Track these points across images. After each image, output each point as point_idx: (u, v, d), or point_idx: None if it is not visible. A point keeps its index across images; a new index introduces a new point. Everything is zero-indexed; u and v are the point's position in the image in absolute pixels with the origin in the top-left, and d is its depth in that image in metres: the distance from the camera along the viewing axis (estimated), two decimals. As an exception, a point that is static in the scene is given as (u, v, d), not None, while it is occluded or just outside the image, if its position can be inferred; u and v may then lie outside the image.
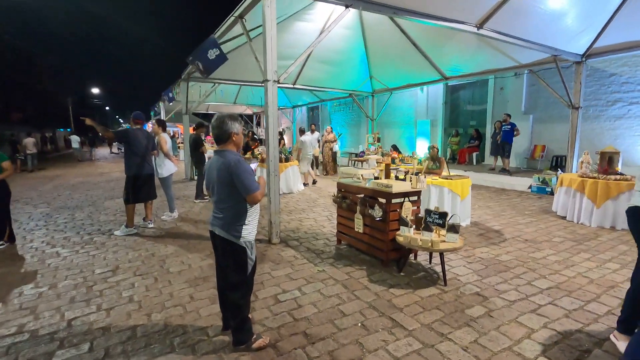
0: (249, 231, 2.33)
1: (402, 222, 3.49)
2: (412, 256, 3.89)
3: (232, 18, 5.28)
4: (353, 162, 15.17)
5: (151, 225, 5.43)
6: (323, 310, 2.83)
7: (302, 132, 12.24)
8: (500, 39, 6.10)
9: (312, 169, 11.93)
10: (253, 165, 2.15)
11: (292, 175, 8.27)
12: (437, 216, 3.41)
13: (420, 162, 8.24)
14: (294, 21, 8.06)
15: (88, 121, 4.68)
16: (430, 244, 3.15)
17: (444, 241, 3.23)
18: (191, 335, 2.55)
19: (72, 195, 8.46)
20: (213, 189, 2.34)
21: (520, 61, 8.46)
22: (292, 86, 11.66)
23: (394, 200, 3.58)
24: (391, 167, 4.34)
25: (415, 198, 3.79)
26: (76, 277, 3.65)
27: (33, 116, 31.81)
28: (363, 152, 10.85)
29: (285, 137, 13.71)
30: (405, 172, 4.42)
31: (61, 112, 36.49)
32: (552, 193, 7.91)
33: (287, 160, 8.25)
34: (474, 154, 12.16)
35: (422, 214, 3.82)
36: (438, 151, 5.71)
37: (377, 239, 3.75)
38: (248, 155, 8.95)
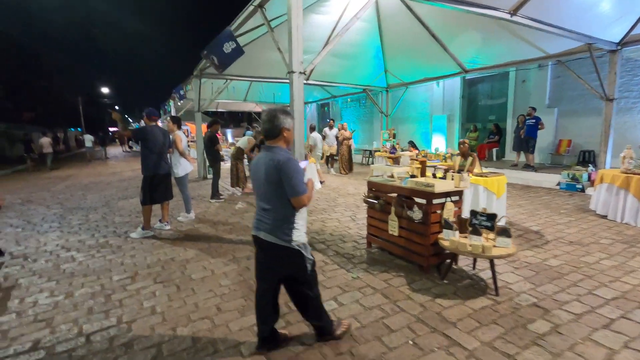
0: (300, 234, 2.10)
1: (446, 224, 3.17)
2: (449, 260, 3.57)
3: (252, 7, 4.98)
4: (367, 159, 14.89)
5: (168, 227, 5.19)
6: (367, 325, 2.54)
7: (312, 129, 12.00)
8: (534, 26, 5.71)
9: (327, 167, 11.67)
10: (302, 164, 1.97)
11: (309, 172, 7.96)
12: (484, 218, 3.09)
13: (445, 159, 7.92)
14: (308, 13, 7.75)
15: (115, 115, 4.47)
16: (481, 250, 2.84)
17: (496, 246, 2.91)
18: (223, 353, 2.29)
19: (86, 196, 8.29)
20: (258, 187, 2.13)
21: (548, 51, 8.02)
22: (304, 81, 11.33)
23: (435, 201, 3.27)
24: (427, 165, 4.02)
25: (456, 198, 3.48)
26: (93, 284, 3.42)
27: (44, 116, 32.01)
28: (394, 148, 10.41)
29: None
30: (445, 170, 4.10)
31: (71, 111, 36.69)
32: (583, 190, 7.51)
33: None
34: (494, 150, 11.73)
35: (464, 215, 3.51)
36: (469, 147, 5.36)
37: (415, 243, 3.44)
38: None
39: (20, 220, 6.05)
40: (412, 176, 3.67)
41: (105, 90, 48.46)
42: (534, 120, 9.31)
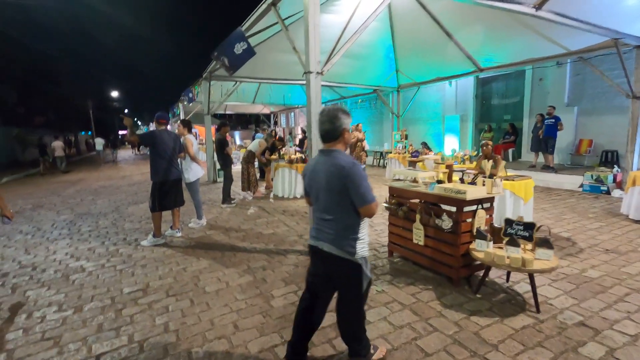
0: (363, 246, 1.92)
1: (479, 234, 2.94)
2: (480, 272, 3.33)
3: (265, 5, 4.81)
4: (378, 160, 14.61)
5: (179, 234, 5.03)
6: (398, 347, 2.32)
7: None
8: (559, 21, 5.43)
9: None
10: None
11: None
12: (521, 227, 2.85)
13: (462, 161, 7.64)
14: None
15: (126, 121, 4.38)
16: (521, 263, 2.60)
17: (536, 259, 2.67)
18: (243, 380, 2.09)
19: (95, 201, 8.20)
20: (317, 195, 1.94)
21: (570, 48, 7.70)
22: (315, 83, 11.12)
23: (466, 209, 3.04)
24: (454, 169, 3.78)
25: (488, 205, 3.24)
26: (103, 297, 3.25)
27: (55, 120, 32.38)
28: (417, 152, 10.09)
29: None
30: (474, 174, 3.86)
31: (82, 115, 37.09)
32: (608, 192, 7.18)
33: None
34: (510, 150, 11.39)
35: (497, 223, 3.27)
36: (493, 148, 5.10)
37: (444, 254, 3.21)
38: (274, 156, 8.50)
39: (30, 227, 5.95)
40: (439, 181, 3.44)
41: (114, 94, 48.98)
42: (553, 120, 8.98)
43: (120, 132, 45.19)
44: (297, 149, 10.99)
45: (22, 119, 25.23)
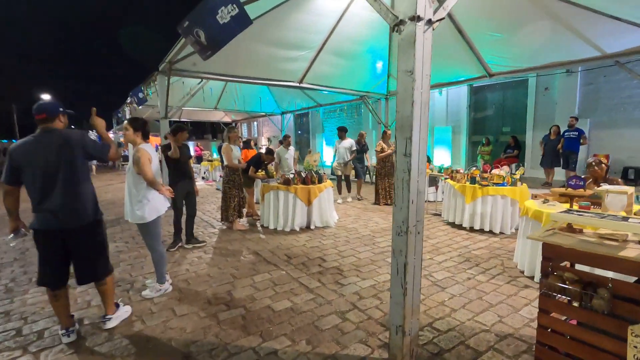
0: None
1: None
2: None
3: None
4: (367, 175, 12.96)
5: (110, 325, 2.79)
6: None
7: (280, 142, 9.51)
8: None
9: (340, 195, 8.74)
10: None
11: (327, 200, 5.85)
12: None
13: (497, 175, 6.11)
14: None
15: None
16: None
17: None
18: None
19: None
20: None
21: (606, 50, 6.66)
22: (297, 85, 9.27)
23: None
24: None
25: None
26: None
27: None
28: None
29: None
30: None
31: (4, 120, 31.77)
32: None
33: (317, 181, 5.83)
34: (513, 166, 10.37)
35: None
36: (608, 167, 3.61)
37: None
38: (261, 172, 6.43)
39: None
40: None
41: (46, 97, 42.95)
42: (576, 133, 8.01)
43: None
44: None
45: None
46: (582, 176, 3.36)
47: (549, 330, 2.07)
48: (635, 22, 5.04)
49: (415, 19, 1.78)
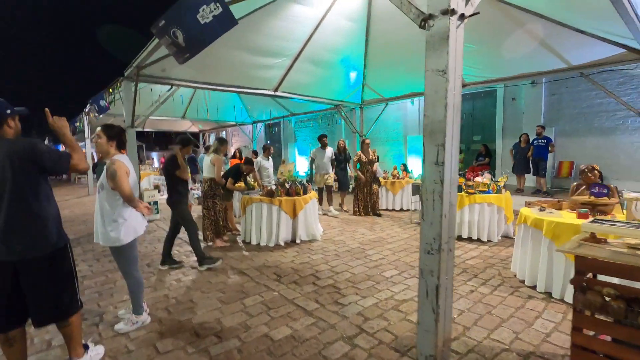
0: None
1: None
2: None
3: None
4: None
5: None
6: None
7: (256, 153, 9.16)
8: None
9: (321, 206, 8.36)
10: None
11: (312, 212, 5.58)
12: None
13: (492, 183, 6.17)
14: (289, 3, 5.73)
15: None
16: None
17: None
18: None
19: None
20: None
21: (572, 62, 7.01)
22: (273, 93, 9.00)
23: None
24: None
25: None
26: None
27: None
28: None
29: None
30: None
31: None
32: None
33: (302, 192, 5.54)
34: (484, 172, 10.67)
35: None
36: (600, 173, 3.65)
37: None
38: (240, 184, 6.03)
39: None
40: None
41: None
42: (544, 141, 8.37)
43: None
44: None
45: None
46: (604, 184, 3.34)
47: (587, 350, 1.93)
48: (599, 36, 5.30)
49: (449, 12, 1.60)
